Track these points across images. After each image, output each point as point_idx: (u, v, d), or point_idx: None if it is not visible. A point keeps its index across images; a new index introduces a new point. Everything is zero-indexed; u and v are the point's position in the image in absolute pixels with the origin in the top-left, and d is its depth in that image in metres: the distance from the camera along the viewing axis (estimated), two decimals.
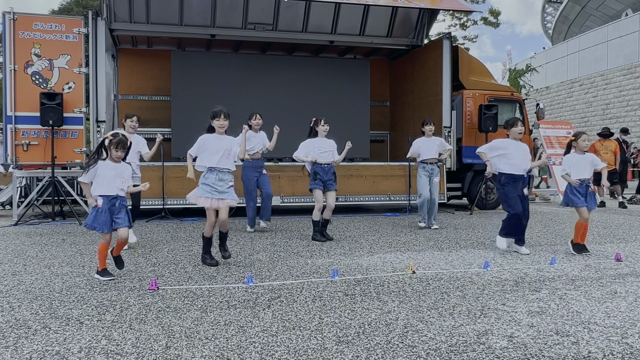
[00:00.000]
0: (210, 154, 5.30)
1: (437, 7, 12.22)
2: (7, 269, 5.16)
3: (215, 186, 5.23)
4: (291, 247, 6.46)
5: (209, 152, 5.31)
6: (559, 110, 30.96)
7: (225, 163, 5.31)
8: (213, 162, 5.27)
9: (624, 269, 5.18)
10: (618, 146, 12.71)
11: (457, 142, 11.18)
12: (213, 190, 5.23)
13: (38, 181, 9.98)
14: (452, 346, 3.05)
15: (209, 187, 5.24)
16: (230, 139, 5.48)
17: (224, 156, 5.30)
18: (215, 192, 5.23)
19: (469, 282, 4.60)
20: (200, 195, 5.28)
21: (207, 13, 11.42)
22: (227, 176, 5.31)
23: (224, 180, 5.28)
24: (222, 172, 5.28)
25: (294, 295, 4.17)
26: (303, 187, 10.27)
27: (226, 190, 5.27)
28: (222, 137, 5.40)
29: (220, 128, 5.36)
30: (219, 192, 5.24)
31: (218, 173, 5.26)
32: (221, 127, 5.36)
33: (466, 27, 24.73)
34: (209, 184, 5.24)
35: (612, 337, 3.21)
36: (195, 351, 2.97)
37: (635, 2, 33.88)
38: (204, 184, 5.27)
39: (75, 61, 9.43)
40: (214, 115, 5.37)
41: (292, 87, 12.48)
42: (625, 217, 10.17)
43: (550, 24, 47.55)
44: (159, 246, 6.57)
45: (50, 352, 2.95)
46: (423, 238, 7.25)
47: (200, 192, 5.28)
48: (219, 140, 5.35)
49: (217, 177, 5.25)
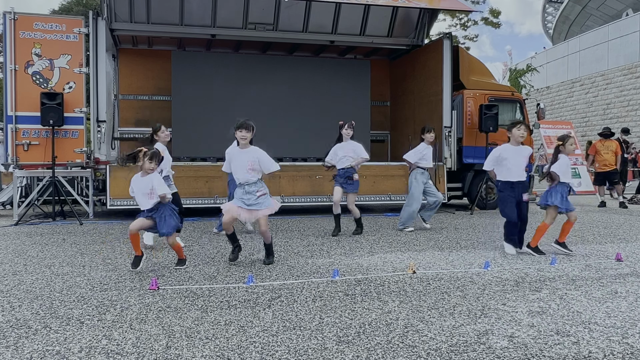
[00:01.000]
0: (235, 168, 5.37)
1: (437, 7, 12.23)
2: (8, 269, 5.17)
3: (244, 199, 5.27)
4: (291, 247, 6.46)
5: (234, 166, 5.39)
6: (560, 110, 30.95)
7: (247, 177, 5.26)
8: (238, 177, 5.33)
9: (624, 269, 5.18)
10: (619, 146, 12.71)
11: (458, 142, 11.17)
12: (242, 202, 5.28)
13: (38, 181, 9.99)
14: (453, 346, 3.05)
15: (239, 201, 5.30)
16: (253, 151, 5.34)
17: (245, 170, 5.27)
18: (243, 204, 5.27)
19: (469, 282, 4.60)
20: (233, 204, 5.35)
21: (207, 13, 11.43)
22: (253, 188, 5.27)
23: (251, 192, 5.26)
24: (249, 185, 5.27)
25: (295, 295, 4.17)
26: (303, 187, 10.30)
27: (255, 202, 5.26)
28: (244, 151, 5.34)
29: (242, 140, 5.32)
30: (247, 205, 5.26)
31: (245, 186, 5.28)
32: (243, 138, 5.31)
33: (467, 27, 24.74)
34: (238, 197, 5.32)
35: (613, 337, 3.21)
36: (195, 351, 2.97)
37: (635, 2, 33.88)
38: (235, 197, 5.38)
39: (75, 61, 9.43)
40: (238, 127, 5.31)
41: (292, 87, 12.49)
42: (625, 217, 10.16)
43: (550, 24, 47.54)
44: (159, 246, 6.57)
45: (50, 352, 2.95)
46: (423, 238, 7.25)
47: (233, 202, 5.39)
48: (241, 154, 5.35)
49: (244, 190, 5.29)
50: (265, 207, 5.32)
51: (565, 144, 5.98)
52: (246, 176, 5.26)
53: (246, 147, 5.34)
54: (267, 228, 5.40)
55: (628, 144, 15.01)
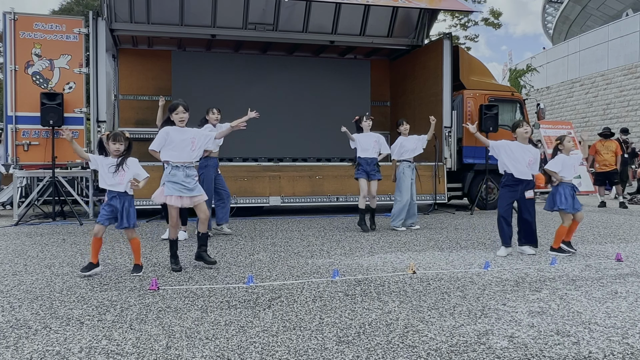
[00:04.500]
0: (174, 148, 5.02)
1: (438, 7, 12.23)
2: (8, 269, 5.16)
3: (185, 184, 4.96)
4: (291, 247, 6.46)
5: (173, 145, 5.02)
6: (560, 110, 30.94)
7: (189, 157, 5.04)
8: (179, 157, 5.00)
9: (624, 269, 5.18)
10: (619, 146, 12.71)
11: (458, 142, 11.17)
12: (183, 188, 4.95)
13: (39, 181, 9.99)
14: (453, 346, 3.05)
15: (179, 185, 4.95)
16: (193, 131, 5.19)
17: (189, 150, 5.04)
18: (185, 190, 4.96)
19: (469, 282, 4.60)
20: (170, 194, 4.96)
21: (207, 13, 11.42)
22: (193, 171, 5.06)
23: (191, 176, 5.02)
24: (189, 168, 5.04)
25: (295, 295, 4.16)
26: (303, 187, 10.29)
27: (194, 186, 5.01)
28: (185, 130, 5.11)
29: (181, 122, 5.09)
30: (188, 190, 4.97)
31: (185, 169, 5.00)
32: (181, 120, 5.08)
33: (467, 28, 24.74)
34: (177, 181, 4.95)
35: (613, 337, 3.21)
36: (195, 351, 2.97)
37: (635, 2, 33.88)
38: (171, 182, 4.97)
39: (75, 61, 9.43)
40: (173, 108, 5.10)
41: (292, 87, 12.49)
42: (625, 217, 10.16)
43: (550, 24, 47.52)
44: (159, 246, 6.57)
45: (50, 352, 2.95)
46: (423, 238, 7.25)
47: (168, 191, 4.97)
48: (181, 133, 5.06)
49: (184, 173, 4.99)
50: (202, 193, 5.08)
51: (563, 142, 5.99)
52: (189, 155, 5.03)
53: (184, 127, 5.12)
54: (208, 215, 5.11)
55: (628, 144, 15.01)
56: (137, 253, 5.00)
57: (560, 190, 5.89)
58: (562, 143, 6.00)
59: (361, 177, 7.77)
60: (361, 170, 7.78)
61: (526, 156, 5.93)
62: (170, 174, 5.00)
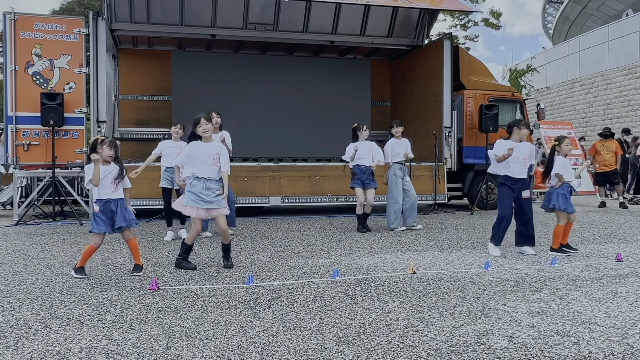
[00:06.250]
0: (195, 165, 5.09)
1: (438, 7, 12.23)
2: (8, 269, 5.17)
3: (203, 195, 5.02)
4: (291, 247, 6.46)
5: (195, 162, 5.10)
6: (560, 111, 30.94)
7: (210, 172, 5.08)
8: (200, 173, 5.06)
9: (624, 269, 5.18)
10: (619, 146, 12.71)
11: (458, 142, 11.17)
12: (199, 200, 5.01)
13: (39, 181, 9.99)
14: (453, 346, 3.05)
15: (195, 196, 5.01)
16: (219, 146, 5.26)
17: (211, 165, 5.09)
18: (201, 202, 5.02)
19: (469, 283, 4.60)
20: (187, 204, 5.05)
21: (207, 13, 11.43)
22: (214, 185, 5.10)
23: (211, 189, 5.06)
24: (210, 181, 5.08)
25: (295, 295, 4.16)
26: (303, 188, 10.29)
27: (213, 199, 5.05)
28: (210, 145, 5.18)
29: (205, 133, 5.14)
30: (205, 202, 5.03)
31: (205, 181, 5.06)
32: (205, 131, 5.13)
33: (467, 28, 24.73)
34: (195, 192, 5.02)
35: (613, 337, 3.21)
36: (195, 351, 2.97)
37: (635, 2, 33.88)
38: (190, 192, 5.05)
39: (75, 61, 9.43)
40: (196, 122, 5.14)
41: (292, 88, 12.49)
42: (625, 217, 10.16)
43: (550, 24, 47.52)
44: (159, 246, 6.57)
45: (50, 352, 2.95)
46: (424, 238, 7.25)
47: (186, 200, 5.07)
48: (206, 149, 5.13)
49: (204, 185, 5.06)
50: (222, 206, 5.13)
51: (561, 144, 5.99)
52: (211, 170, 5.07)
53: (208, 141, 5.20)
54: (227, 227, 5.22)
55: (629, 144, 15.00)
56: (136, 253, 5.00)
57: (558, 190, 5.91)
58: (559, 145, 6.00)
59: (357, 186, 7.84)
60: (356, 179, 7.84)
61: (521, 153, 5.97)
62: (190, 184, 5.11)
